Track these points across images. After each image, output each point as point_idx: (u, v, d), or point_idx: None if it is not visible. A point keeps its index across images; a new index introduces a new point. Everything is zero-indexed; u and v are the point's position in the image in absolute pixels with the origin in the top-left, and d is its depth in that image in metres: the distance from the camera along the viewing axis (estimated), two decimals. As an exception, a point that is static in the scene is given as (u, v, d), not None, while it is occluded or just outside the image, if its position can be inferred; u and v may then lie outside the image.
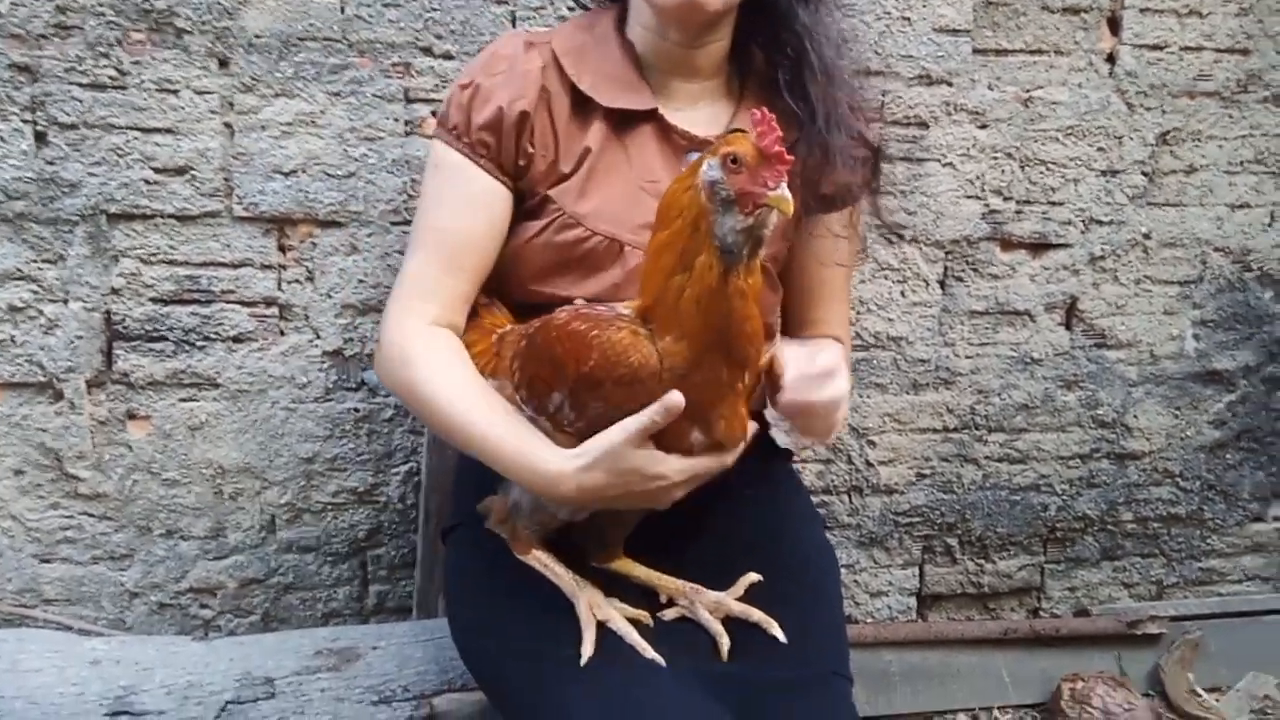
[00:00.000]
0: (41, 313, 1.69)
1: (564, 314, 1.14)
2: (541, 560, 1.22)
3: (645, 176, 1.29)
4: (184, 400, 1.77)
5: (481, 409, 1.20)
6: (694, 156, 1.06)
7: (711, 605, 1.23)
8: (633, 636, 1.15)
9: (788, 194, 0.99)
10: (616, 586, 1.23)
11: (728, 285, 1.02)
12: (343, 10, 1.69)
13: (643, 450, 1.09)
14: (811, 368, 1.18)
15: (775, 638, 1.22)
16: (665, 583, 1.25)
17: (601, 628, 1.15)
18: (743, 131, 1.05)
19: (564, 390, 1.11)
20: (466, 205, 1.29)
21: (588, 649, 1.13)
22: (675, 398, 1.05)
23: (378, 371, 1.33)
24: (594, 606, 1.16)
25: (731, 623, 1.23)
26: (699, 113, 1.35)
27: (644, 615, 1.19)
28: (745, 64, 1.38)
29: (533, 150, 1.29)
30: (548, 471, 1.12)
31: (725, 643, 1.20)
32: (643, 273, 1.11)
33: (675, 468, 1.11)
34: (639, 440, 1.08)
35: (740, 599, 1.26)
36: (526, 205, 1.32)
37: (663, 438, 1.09)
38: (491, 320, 1.32)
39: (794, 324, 1.49)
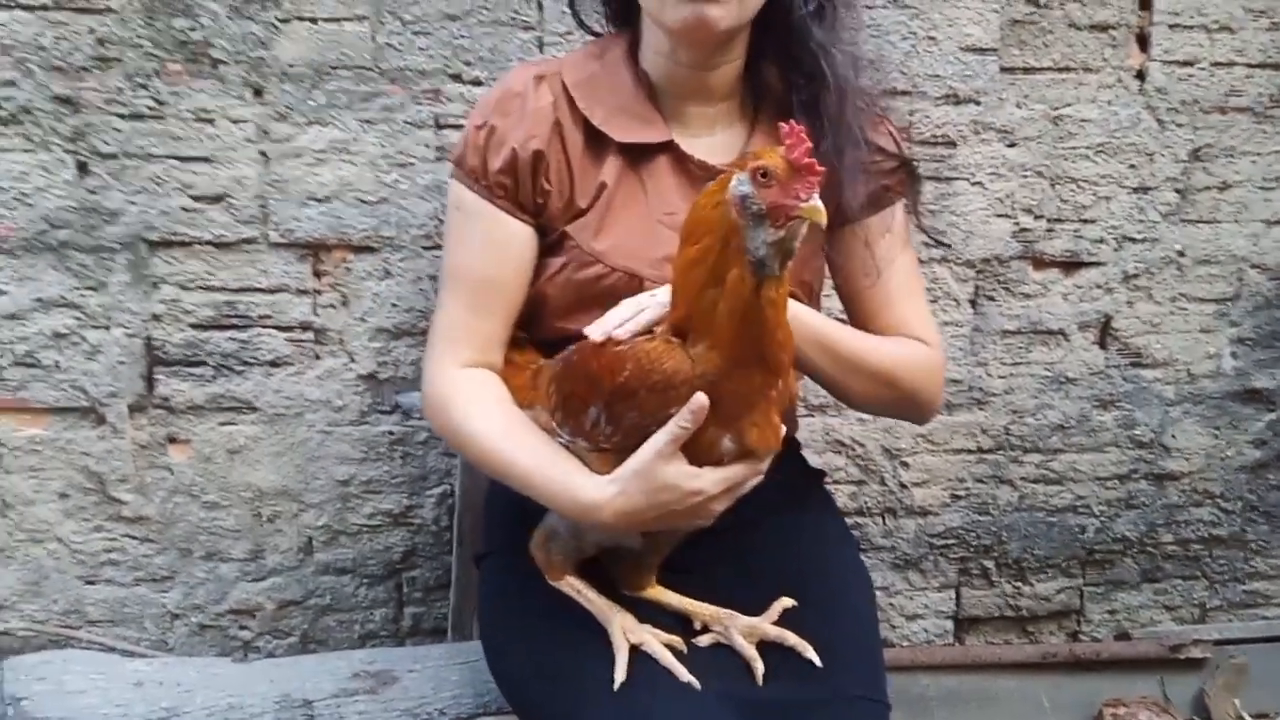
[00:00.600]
0: (84, 339, 1.73)
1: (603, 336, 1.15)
2: (575, 586, 1.22)
3: (663, 209, 1.28)
4: (223, 424, 1.79)
5: (519, 443, 1.20)
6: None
7: (746, 630, 1.22)
8: (668, 659, 1.14)
9: (820, 204, 0.99)
10: (650, 613, 1.22)
11: (760, 298, 1.03)
12: (374, 39, 1.72)
13: (674, 465, 1.08)
14: None
15: (811, 662, 1.21)
16: (699, 609, 1.25)
17: (635, 652, 1.15)
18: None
19: (600, 404, 1.11)
20: (490, 248, 1.29)
21: (620, 673, 1.12)
22: (700, 399, 1.05)
23: (427, 419, 1.35)
24: (627, 631, 1.16)
25: (766, 648, 1.22)
26: (715, 139, 1.33)
27: (678, 640, 1.18)
28: (759, 85, 1.36)
29: (549, 187, 1.29)
30: (585, 500, 1.13)
31: (759, 668, 1.19)
32: (673, 287, 1.11)
33: (711, 479, 1.10)
34: (670, 453, 1.07)
35: (775, 623, 1.25)
36: (546, 241, 1.32)
37: (694, 450, 1.09)
38: (525, 358, 1.33)
39: (874, 333, 1.41)
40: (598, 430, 1.13)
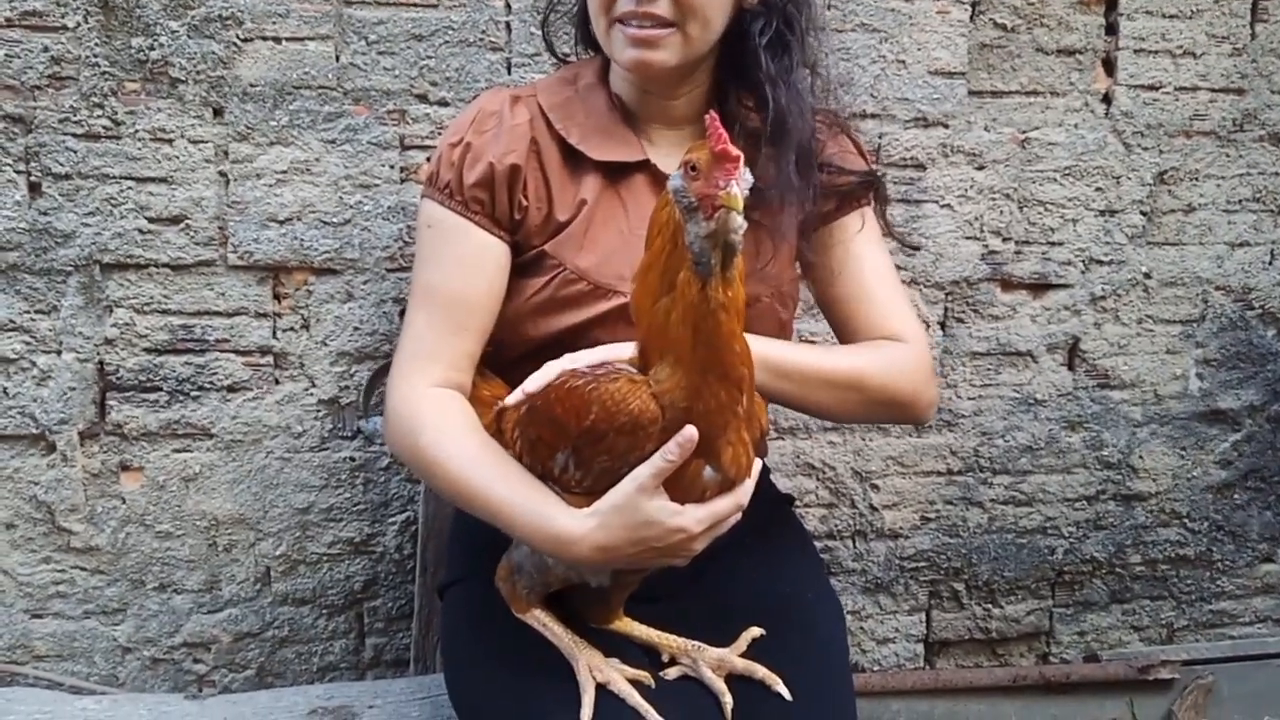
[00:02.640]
0: (34, 364, 1.68)
1: (561, 377, 1.12)
2: (540, 620, 1.19)
3: (642, 226, 1.28)
4: (178, 451, 1.74)
5: (492, 472, 1.16)
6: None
7: (714, 663, 1.20)
8: (634, 699, 1.11)
9: (736, 190, 0.97)
10: (616, 645, 1.20)
11: (707, 299, 1.01)
12: (338, 59, 1.69)
13: (657, 500, 1.06)
14: None
15: (780, 694, 1.19)
16: (667, 641, 1.22)
17: (601, 690, 1.12)
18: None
19: (567, 449, 1.09)
20: (464, 264, 1.27)
21: (586, 712, 1.10)
22: (690, 431, 1.03)
23: (387, 441, 1.30)
24: (594, 669, 1.13)
25: (735, 679, 1.20)
26: None
27: (645, 675, 1.16)
28: (726, 109, 1.36)
29: (526, 203, 1.28)
30: (562, 534, 1.09)
31: (728, 701, 1.17)
32: (633, 303, 1.10)
33: (694, 516, 1.08)
34: (653, 487, 1.05)
35: (744, 654, 1.23)
36: (524, 259, 1.30)
37: (677, 483, 1.07)
38: (491, 392, 1.30)
39: (854, 336, 1.41)
40: (567, 475, 1.11)
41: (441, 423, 1.21)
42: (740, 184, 0.98)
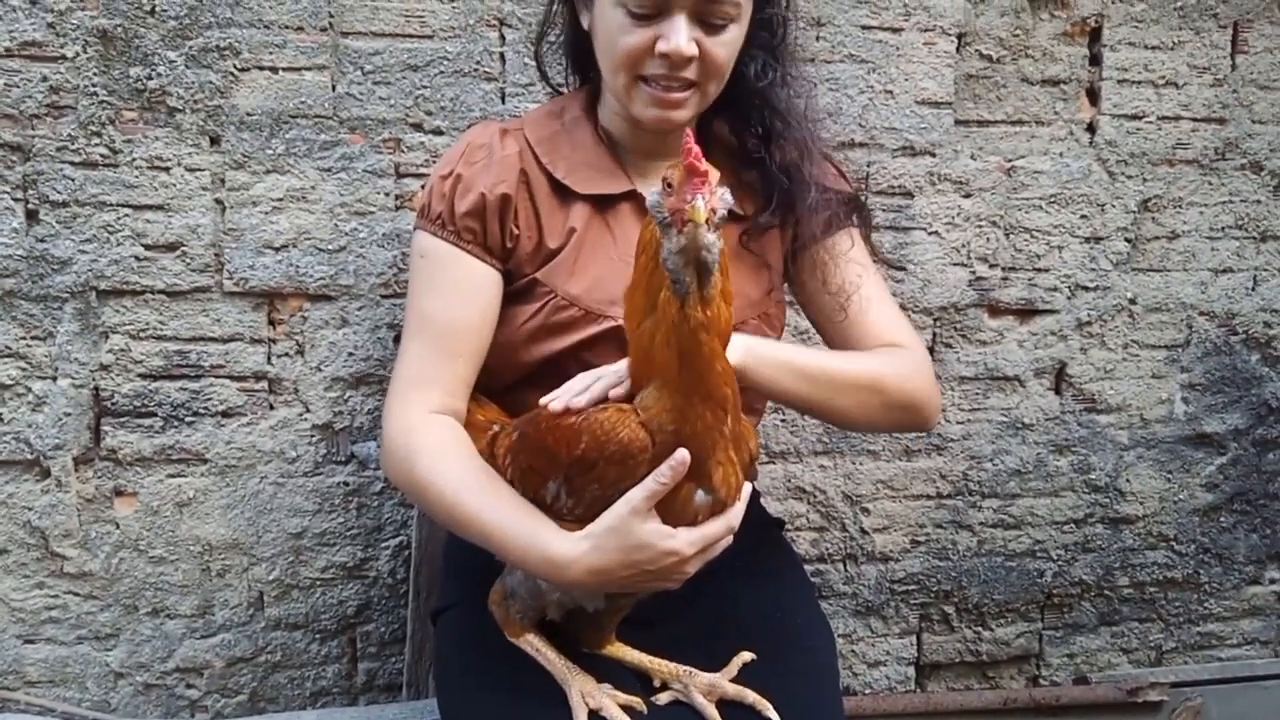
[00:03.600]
0: (30, 390, 1.68)
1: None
2: (534, 645, 1.20)
3: (629, 254, 1.29)
4: (172, 476, 1.75)
5: (486, 499, 1.16)
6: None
7: (705, 689, 1.21)
8: (627, 724, 1.13)
9: (700, 204, 0.98)
10: (608, 671, 1.20)
11: (687, 319, 1.02)
12: (334, 88, 1.71)
13: (650, 524, 1.07)
14: None
15: (771, 718, 1.20)
16: (658, 666, 1.23)
17: (593, 716, 1.13)
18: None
19: (559, 478, 1.10)
20: (457, 292, 1.29)
21: (579, 739, 1.11)
22: (682, 454, 1.04)
23: (383, 467, 1.31)
24: (586, 695, 1.14)
25: (726, 705, 1.21)
26: None
27: (637, 701, 1.16)
28: (708, 135, 1.39)
29: (518, 231, 1.30)
30: (555, 557, 1.10)
31: (719, 728, 1.18)
32: (624, 322, 1.11)
33: (686, 539, 1.09)
34: (645, 510, 1.06)
35: (735, 679, 1.24)
36: (515, 287, 1.32)
37: (670, 507, 1.08)
38: (485, 416, 1.31)
39: (851, 348, 1.43)
40: (559, 503, 1.12)
41: (437, 448, 1.21)
42: (707, 198, 0.98)
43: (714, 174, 1.00)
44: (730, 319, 1.06)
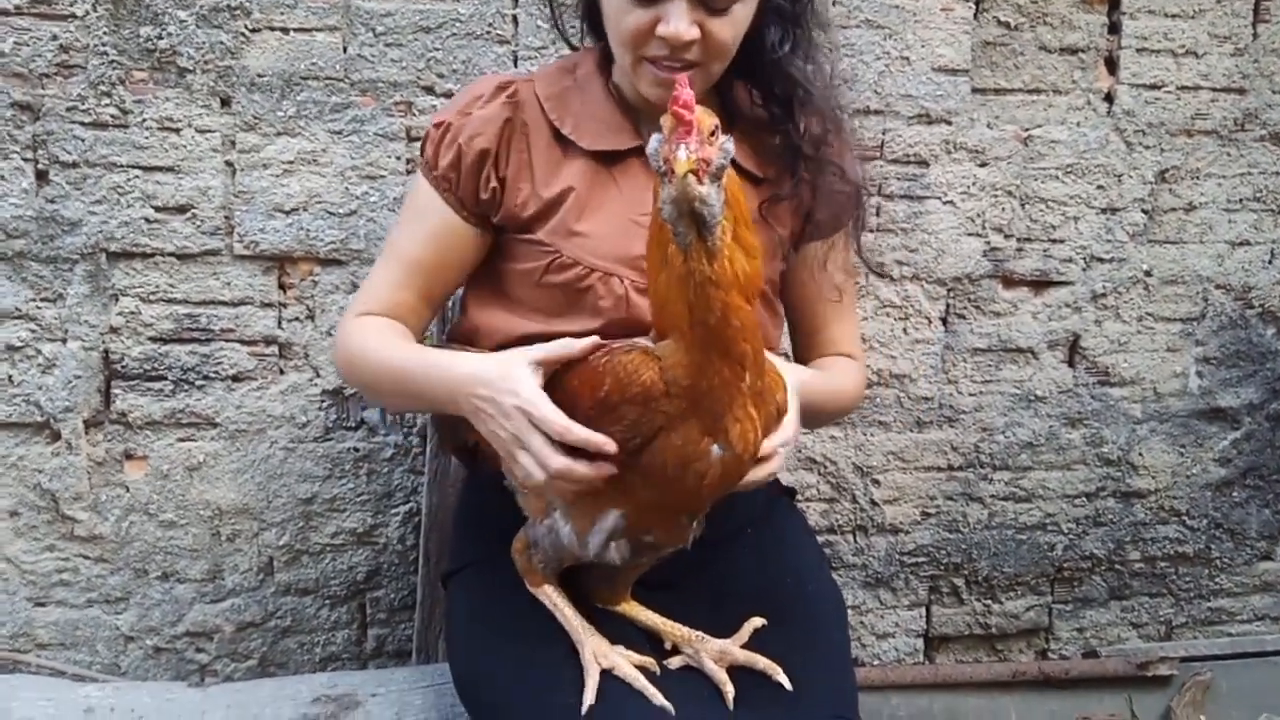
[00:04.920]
0: (40, 352, 1.68)
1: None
2: (552, 598, 1.20)
3: (637, 210, 1.28)
4: (182, 440, 1.75)
5: (409, 351, 1.27)
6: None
7: (716, 654, 1.21)
8: (639, 682, 1.12)
9: (682, 154, 0.95)
10: (621, 631, 1.20)
11: (690, 271, 1.00)
12: (345, 50, 1.70)
13: (533, 374, 1.12)
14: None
15: (782, 685, 1.19)
16: (670, 629, 1.23)
17: (605, 675, 1.12)
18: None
19: (582, 421, 1.09)
20: (427, 234, 1.33)
21: (589, 696, 1.10)
22: (592, 340, 1.12)
23: (336, 366, 1.39)
24: (599, 654, 1.14)
25: (737, 670, 1.21)
26: None
27: (650, 662, 1.16)
28: (728, 100, 1.38)
29: (496, 184, 1.30)
30: (462, 376, 1.15)
31: (730, 692, 1.18)
32: (646, 274, 1.10)
33: (550, 410, 1.09)
34: (538, 358, 1.12)
35: (746, 644, 1.23)
36: (516, 241, 1.32)
37: (685, 459, 1.06)
38: None
39: (806, 347, 1.50)
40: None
41: (370, 329, 1.31)
42: (693, 149, 0.95)
43: (706, 122, 0.97)
44: (756, 274, 1.04)
